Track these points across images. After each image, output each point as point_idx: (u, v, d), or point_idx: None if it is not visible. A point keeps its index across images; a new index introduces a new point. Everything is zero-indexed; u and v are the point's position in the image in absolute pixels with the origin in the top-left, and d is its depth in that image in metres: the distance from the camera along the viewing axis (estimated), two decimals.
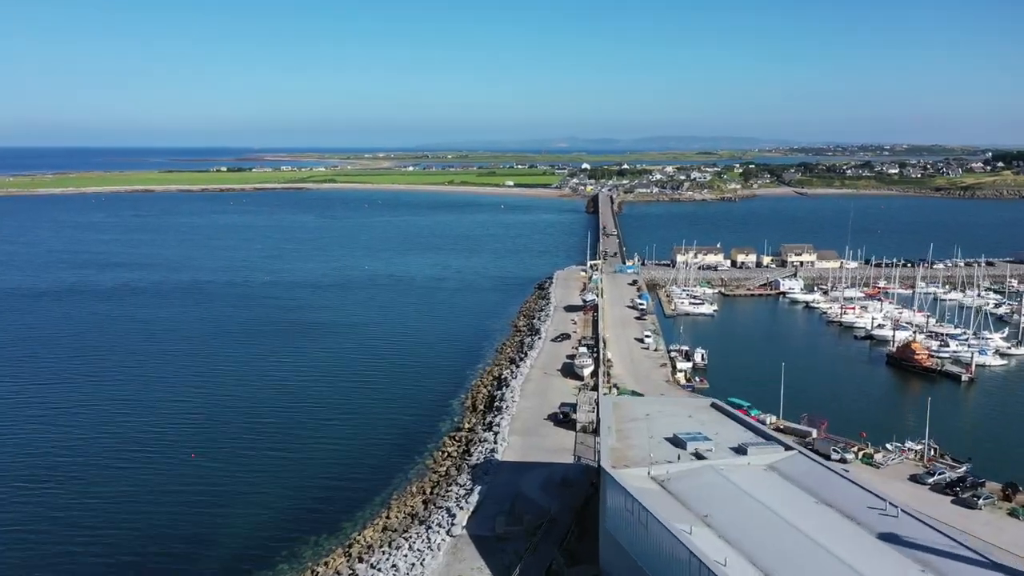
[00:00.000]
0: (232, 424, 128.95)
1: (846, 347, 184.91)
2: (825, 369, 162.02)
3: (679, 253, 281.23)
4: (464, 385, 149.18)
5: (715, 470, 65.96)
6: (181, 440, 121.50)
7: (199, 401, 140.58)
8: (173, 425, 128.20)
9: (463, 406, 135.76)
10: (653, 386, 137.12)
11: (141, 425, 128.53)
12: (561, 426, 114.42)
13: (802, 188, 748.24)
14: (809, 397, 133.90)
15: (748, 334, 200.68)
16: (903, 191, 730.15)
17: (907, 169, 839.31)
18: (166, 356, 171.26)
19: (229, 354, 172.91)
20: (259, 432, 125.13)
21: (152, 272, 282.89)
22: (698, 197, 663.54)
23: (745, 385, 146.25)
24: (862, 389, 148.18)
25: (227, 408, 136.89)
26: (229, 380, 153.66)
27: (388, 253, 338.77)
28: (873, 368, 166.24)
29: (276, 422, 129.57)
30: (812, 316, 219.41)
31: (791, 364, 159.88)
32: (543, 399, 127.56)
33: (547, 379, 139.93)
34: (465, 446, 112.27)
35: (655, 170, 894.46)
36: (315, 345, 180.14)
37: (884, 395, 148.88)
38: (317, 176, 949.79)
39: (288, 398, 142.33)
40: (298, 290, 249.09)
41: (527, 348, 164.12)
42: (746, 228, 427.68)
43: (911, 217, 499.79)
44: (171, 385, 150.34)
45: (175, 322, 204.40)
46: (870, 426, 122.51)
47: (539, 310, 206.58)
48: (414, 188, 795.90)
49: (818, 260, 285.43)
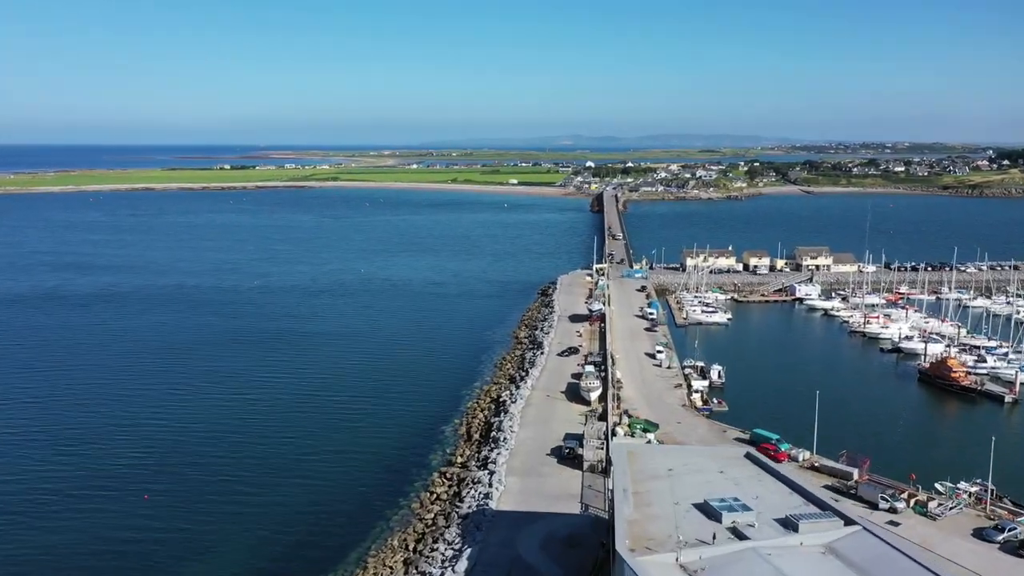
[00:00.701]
0: (194, 454, 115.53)
1: (872, 361, 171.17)
2: (854, 389, 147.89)
3: (689, 256, 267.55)
4: (459, 407, 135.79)
5: (760, 555, 52.40)
6: (138, 475, 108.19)
7: (164, 427, 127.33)
8: (130, 456, 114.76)
9: (457, 434, 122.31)
10: (668, 411, 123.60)
11: (93, 455, 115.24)
12: (565, 463, 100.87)
13: (808, 187, 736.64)
14: (840, 423, 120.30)
15: (766, 346, 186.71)
16: (910, 189, 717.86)
17: (913, 167, 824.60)
18: (133, 372, 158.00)
19: (204, 369, 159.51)
20: (225, 465, 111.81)
21: (136, 276, 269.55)
22: (704, 196, 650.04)
23: (768, 409, 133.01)
24: (896, 413, 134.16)
25: (193, 435, 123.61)
26: (199, 401, 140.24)
27: (385, 255, 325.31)
28: (904, 386, 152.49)
29: (246, 453, 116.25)
30: (832, 325, 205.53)
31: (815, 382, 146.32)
32: (545, 428, 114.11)
33: (550, 403, 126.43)
34: (457, 486, 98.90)
35: (659, 168, 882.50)
36: (299, 359, 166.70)
37: (922, 420, 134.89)
38: (320, 174, 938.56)
39: (262, 423, 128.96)
40: (287, 296, 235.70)
41: (528, 364, 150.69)
42: (754, 228, 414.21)
43: (921, 216, 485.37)
44: (134, 407, 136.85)
45: (151, 333, 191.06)
46: (912, 459, 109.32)
47: (542, 319, 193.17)
48: (417, 186, 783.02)
49: (834, 264, 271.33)
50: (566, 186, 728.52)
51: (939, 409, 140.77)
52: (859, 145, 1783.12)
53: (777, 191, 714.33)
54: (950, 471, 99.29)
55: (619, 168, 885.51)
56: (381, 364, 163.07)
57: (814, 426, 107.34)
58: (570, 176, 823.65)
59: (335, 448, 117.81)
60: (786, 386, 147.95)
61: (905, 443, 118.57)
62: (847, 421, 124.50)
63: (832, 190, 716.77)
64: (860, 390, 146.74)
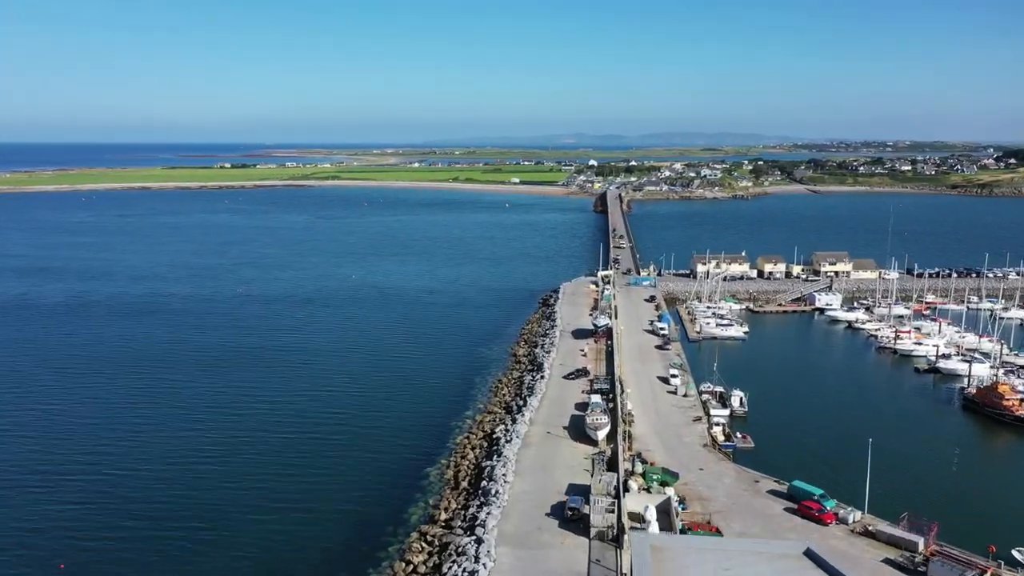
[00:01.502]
0: (122, 516, 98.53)
1: (908, 384, 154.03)
2: (895, 422, 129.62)
3: (700, 262, 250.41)
4: (447, 442, 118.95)
5: None
6: (53, 540, 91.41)
7: (99, 470, 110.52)
8: (49, 512, 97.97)
9: (443, 478, 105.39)
10: (687, 453, 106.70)
11: (16, 506, 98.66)
12: (569, 527, 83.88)
13: (814, 186, 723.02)
14: (887, 469, 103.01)
15: (788, 366, 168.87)
16: (918, 188, 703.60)
17: (919, 166, 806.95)
18: (86, 395, 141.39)
19: (162, 394, 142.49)
20: (161, 518, 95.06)
21: (108, 283, 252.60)
22: (709, 195, 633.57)
23: (799, 447, 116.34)
24: (947, 452, 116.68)
25: (123, 490, 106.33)
26: (143, 434, 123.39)
27: (377, 259, 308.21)
28: (949, 416, 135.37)
29: (189, 507, 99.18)
30: (858, 340, 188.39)
31: (849, 414, 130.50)
32: (545, 477, 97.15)
33: (551, 443, 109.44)
34: (438, 555, 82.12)
35: (663, 167, 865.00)
36: (268, 383, 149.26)
37: (978, 462, 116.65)
38: (320, 173, 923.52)
39: (217, 465, 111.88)
40: (268, 306, 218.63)
41: (527, 391, 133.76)
42: (763, 229, 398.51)
43: (934, 216, 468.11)
44: (75, 438, 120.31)
45: (112, 349, 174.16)
46: (977, 516, 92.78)
47: (543, 335, 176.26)
48: (417, 185, 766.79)
49: (854, 270, 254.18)
50: (569, 185, 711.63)
51: (995, 446, 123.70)
52: (860, 143, 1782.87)
53: (783, 190, 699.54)
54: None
55: (622, 167, 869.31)
56: (363, 389, 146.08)
57: (865, 478, 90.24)
58: (573, 175, 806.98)
59: (301, 494, 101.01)
60: (817, 417, 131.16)
61: (966, 493, 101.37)
62: (895, 466, 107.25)
63: (839, 189, 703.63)
64: (902, 424, 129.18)
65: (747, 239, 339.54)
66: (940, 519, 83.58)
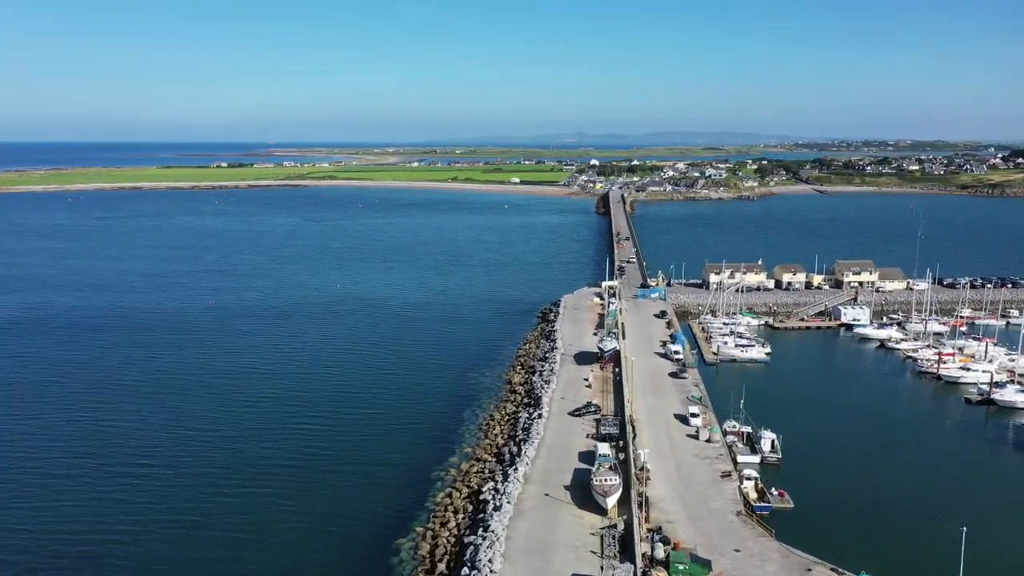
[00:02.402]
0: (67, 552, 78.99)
1: (961, 420, 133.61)
2: (960, 479, 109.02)
3: (713, 272, 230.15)
4: (425, 502, 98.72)
5: None
6: None
7: (47, 511, 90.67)
8: None
9: (415, 556, 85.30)
10: (717, 524, 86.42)
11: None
12: None
13: (821, 185, 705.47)
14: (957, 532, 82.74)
15: (819, 396, 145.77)
16: (927, 189, 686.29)
17: (927, 165, 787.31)
18: (20, 428, 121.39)
19: (111, 426, 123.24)
20: None
21: (69, 294, 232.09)
22: (714, 196, 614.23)
23: (848, 511, 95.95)
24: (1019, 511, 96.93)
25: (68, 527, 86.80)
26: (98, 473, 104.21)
27: (363, 266, 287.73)
28: (1017, 462, 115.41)
29: None
30: (892, 362, 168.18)
31: (900, 460, 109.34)
32: (542, 566, 76.88)
33: (550, 510, 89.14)
34: None
35: (666, 166, 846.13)
36: (231, 420, 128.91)
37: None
38: (316, 173, 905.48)
39: (161, 516, 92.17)
40: (239, 322, 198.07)
41: (522, 434, 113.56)
42: (771, 231, 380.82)
43: (947, 218, 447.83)
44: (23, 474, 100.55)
45: (62, 373, 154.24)
46: None
47: (541, 358, 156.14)
48: (415, 185, 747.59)
49: (880, 280, 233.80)
50: (570, 185, 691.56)
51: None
52: (861, 143, 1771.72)
53: (789, 190, 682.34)
54: None
55: (624, 166, 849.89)
56: (331, 428, 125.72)
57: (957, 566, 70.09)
58: (574, 175, 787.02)
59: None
60: (864, 467, 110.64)
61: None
62: (962, 523, 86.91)
63: (846, 189, 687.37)
64: (972, 480, 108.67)
65: (756, 242, 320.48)
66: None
